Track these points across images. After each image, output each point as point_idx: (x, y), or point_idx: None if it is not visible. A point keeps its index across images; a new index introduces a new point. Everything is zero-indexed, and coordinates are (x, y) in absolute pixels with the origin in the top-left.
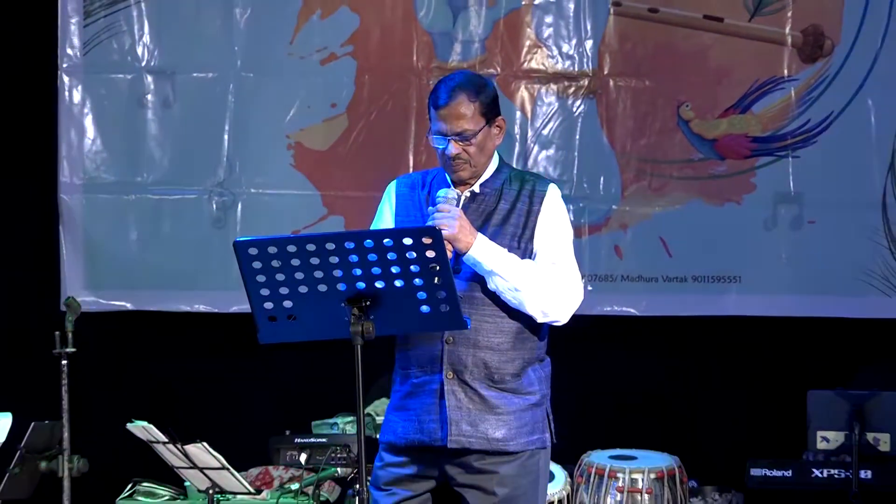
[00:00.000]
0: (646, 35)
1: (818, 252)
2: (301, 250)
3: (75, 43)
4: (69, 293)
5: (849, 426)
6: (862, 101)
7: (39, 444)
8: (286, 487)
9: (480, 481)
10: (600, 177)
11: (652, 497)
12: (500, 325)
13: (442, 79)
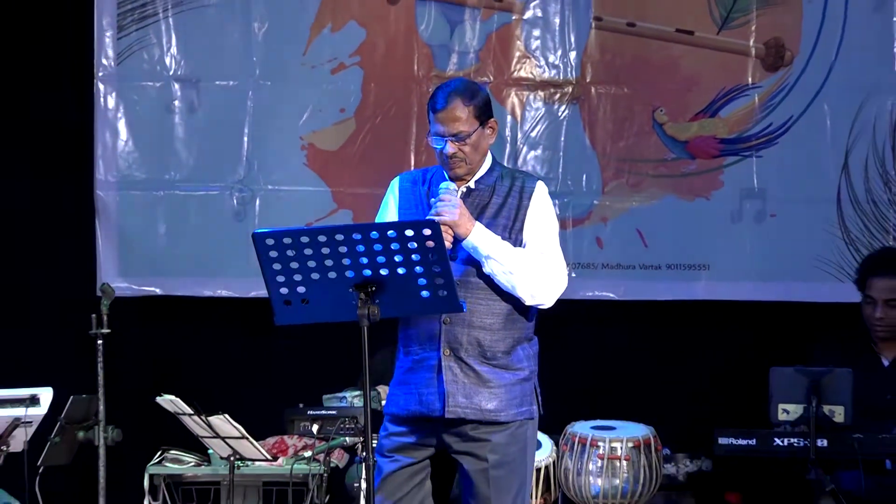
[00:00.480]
0: (624, 47)
1: (779, 243)
2: (313, 241)
3: (110, 54)
4: (104, 280)
5: (807, 400)
6: (819, 107)
7: (77, 416)
8: (300, 455)
9: (474, 448)
10: (583, 175)
11: (629, 463)
12: (492, 308)
13: (439, 86)
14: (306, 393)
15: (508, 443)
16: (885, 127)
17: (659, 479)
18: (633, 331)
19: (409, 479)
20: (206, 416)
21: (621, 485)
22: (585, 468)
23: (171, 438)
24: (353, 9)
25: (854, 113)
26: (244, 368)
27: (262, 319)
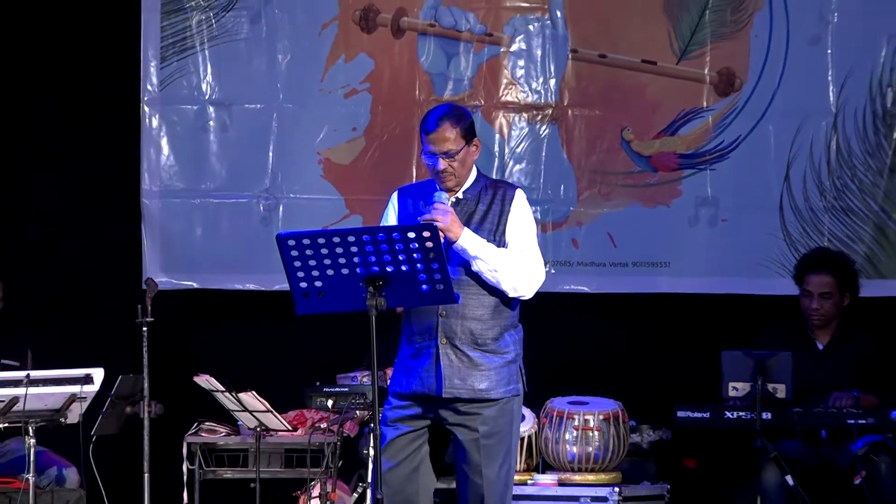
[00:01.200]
0: (596, 75)
1: (730, 244)
2: (329, 242)
3: (154, 81)
4: (148, 275)
5: (753, 379)
6: (764, 127)
7: (125, 392)
8: (316, 426)
9: (467, 421)
10: (561, 185)
11: (601, 433)
12: (481, 301)
13: (430, 111)
14: (322, 373)
15: (497, 416)
16: (821, 145)
17: (626, 446)
18: (604, 320)
19: (408, 444)
20: (235, 393)
21: (593, 452)
22: (563, 437)
23: (206, 412)
24: (363, 42)
25: (794, 133)
26: (269, 352)
27: (285, 310)
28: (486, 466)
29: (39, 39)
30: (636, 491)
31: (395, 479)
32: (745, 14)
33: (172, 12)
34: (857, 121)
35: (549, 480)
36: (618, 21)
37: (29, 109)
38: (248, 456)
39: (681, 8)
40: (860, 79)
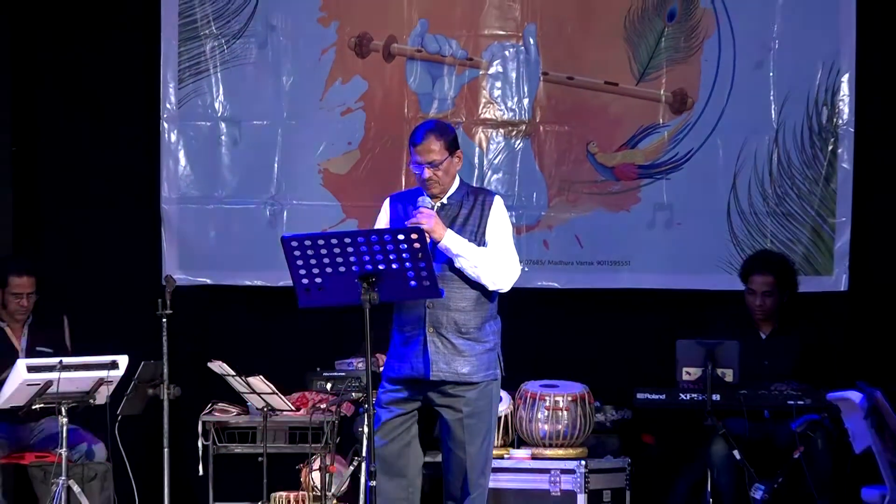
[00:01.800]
0: (565, 95)
1: (683, 244)
2: (327, 243)
3: (172, 101)
4: (167, 272)
5: (704, 364)
6: (713, 141)
7: (147, 377)
8: (317, 406)
9: (452, 402)
10: (533, 193)
11: (569, 413)
12: (464, 294)
13: (417, 126)
14: (322, 359)
15: (478, 398)
16: (764, 157)
17: (591, 424)
18: (572, 312)
19: (400, 424)
20: (245, 377)
21: (563, 429)
22: (535, 417)
23: (219, 394)
24: (358, 66)
25: (740, 146)
26: (274, 340)
27: (288, 303)
28: (469, 443)
29: (73, 64)
30: (600, 464)
31: (389, 454)
32: (697, 41)
33: (188, 39)
34: (795, 136)
35: (524, 455)
36: (583, 47)
37: (62, 126)
38: (256, 433)
39: (639, 35)
40: (798, 99)
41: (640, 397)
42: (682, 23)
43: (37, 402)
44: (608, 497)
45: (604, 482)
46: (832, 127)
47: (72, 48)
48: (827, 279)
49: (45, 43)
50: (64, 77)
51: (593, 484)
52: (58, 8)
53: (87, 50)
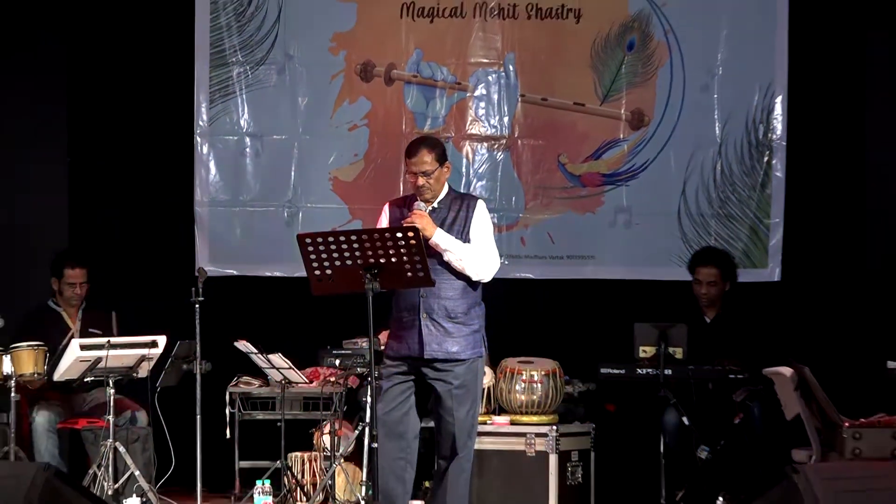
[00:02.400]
0: (539, 114)
1: (640, 241)
2: (336, 240)
3: (204, 118)
4: (200, 265)
5: (658, 344)
6: (666, 154)
7: (182, 354)
8: (327, 380)
9: (443, 376)
10: (512, 197)
11: (542, 385)
12: (452, 284)
13: (412, 140)
14: (332, 339)
15: (466, 372)
16: (709, 167)
17: (561, 395)
18: (546, 299)
19: (399, 394)
20: (266, 354)
21: (537, 399)
22: (514, 388)
23: (244, 369)
24: (363, 89)
25: (689, 158)
26: (291, 323)
27: (303, 291)
28: (457, 410)
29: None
30: (569, 429)
31: (390, 420)
32: (652, 68)
33: (218, 66)
34: (736, 149)
35: (504, 421)
36: (555, 73)
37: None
38: (275, 402)
39: (603, 63)
40: (738, 117)
41: (604, 372)
42: (639, 53)
43: (88, 375)
44: (576, 457)
45: (572, 444)
46: (767, 141)
47: (118, 73)
48: (763, 271)
49: (96, 68)
50: (112, 98)
51: (563, 446)
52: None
53: (131, 74)
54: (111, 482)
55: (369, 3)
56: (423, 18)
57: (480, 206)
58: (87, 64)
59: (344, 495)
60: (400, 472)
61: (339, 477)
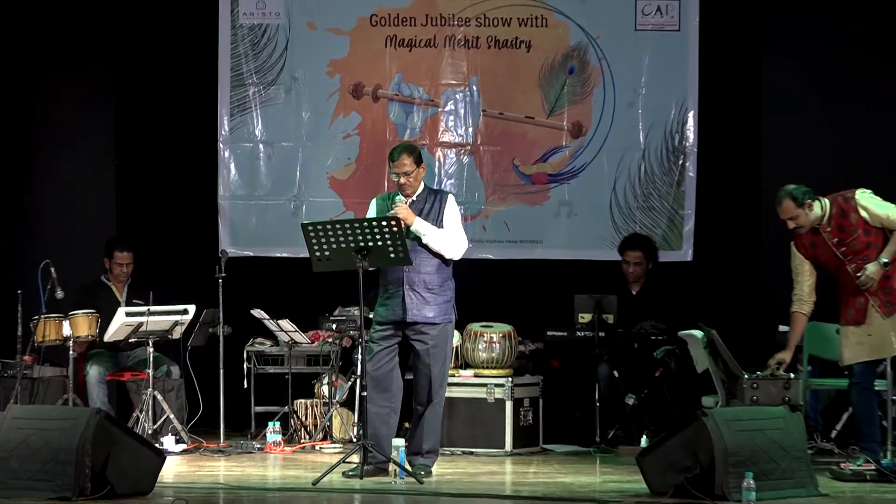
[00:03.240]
0: (497, 125)
1: (579, 229)
2: (333, 227)
3: (226, 129)
4: (222, 248)
5: (594, 311)
6: (600, 158)
7: (208, 320)
8: (326, 340)
9: (422, 337)
10: (475, 193)
11: (500, 345)
12: (430, 262)
13: (394, 147)
14: (329, 307)
15: (439, 334)
16: (634, 168)
17: (515, 353)
18: (503, 275)
19: (386, 353)
20: (276, 320)
21: (496, 356)
22: (477, 347)
23: (258, 332)
24: (354, 105)
25: (618, 161)
26: (296, 294)
27: (306, 269)
28: (433, 365)
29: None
30: (521, 380)
31: (378, 375)
32: (588, 88)
33: (237, 86)
34: (657, 154)
35: (469, 374)
36: (510, 92)
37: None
38: (283, 359)
39: (549, 84)
40: (658, 128)
41: (549, 334)
42: (578, 76)
43: (132, 337)
44: (527, 403)
45: (524, 393)
46: (681, 147)
47: (156, 91)
48: (678, 252)
49: (138, 88)
50: (151, 112)
51: (517, 394)
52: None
53: (167, 92)
54: (151, 424)
55: (359, 36)
56: (403, 48)
57: (451, 199)
58: (130, 84)
59: (339, 434)
60: (385, 418)
61: (336, 419)
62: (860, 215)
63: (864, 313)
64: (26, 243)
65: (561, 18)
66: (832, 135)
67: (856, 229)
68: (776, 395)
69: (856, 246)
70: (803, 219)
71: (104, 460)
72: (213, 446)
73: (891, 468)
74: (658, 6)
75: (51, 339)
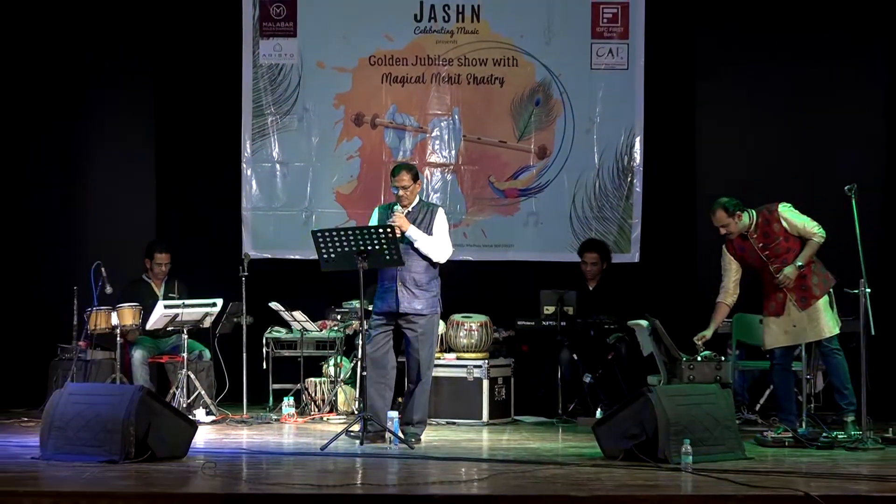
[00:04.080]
0: (475, 148)
1: (545, 235)
2: (339, 234)
3: (248, 151)
4: (245, 251)
5: (557, 304)
6: (562, 176)
7: (234, 311)
8: (332, 328)
9: (412, 326)
10: (457, 205)
11: (478, 332)
12: (420, 263)
13: (396, 164)
14: (335, 301)
15: (426, 323)
16: (590, 185)
17: (491, 339)
18: (480, 274)
19: (382, 338)
20: (290, 311)
21: (475, 342)
22: (459, 335)
23: (275, 321)
24: (356, 131)
25: (577, 178)
26: (307, 289)
27: (315, 268)
28: (421, 349)
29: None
30: (496, 362)
31: (376, 356)
32: (552, 117)
33: (257, 116)
34: (609, 172)
35: (452, 357)
36: (487, 120)
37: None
38: (296, 343)
39: (519, 114)
40: (610, 150)
41: (520, 324)
42: (543, 107)
43: (170, 325)
44: (501, 382)
45: (498, 373)
46: (630, 167)
47: (191, 119)
48: (627, 255)
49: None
50: (186, 137)
51: (492, 374)
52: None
53: (199, 120)
54: (185, 399)
55: (360, 73)
56: (397, 84)
57: (441, 211)
58: (169, 115)
59: (343, 407)
60: (382, 392)
61: (341, 395)
62: (782, 225)
63: (783, 306)
64: (80, 247)
65: (529, 59)
66: (758, 155)
67: (777, 236)
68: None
69: (777, 250)
70: (733, 226)
71: (146, 429)
72: (238, 417)
73: (805, 436)
74: (610, 49)
75: (101, 328)
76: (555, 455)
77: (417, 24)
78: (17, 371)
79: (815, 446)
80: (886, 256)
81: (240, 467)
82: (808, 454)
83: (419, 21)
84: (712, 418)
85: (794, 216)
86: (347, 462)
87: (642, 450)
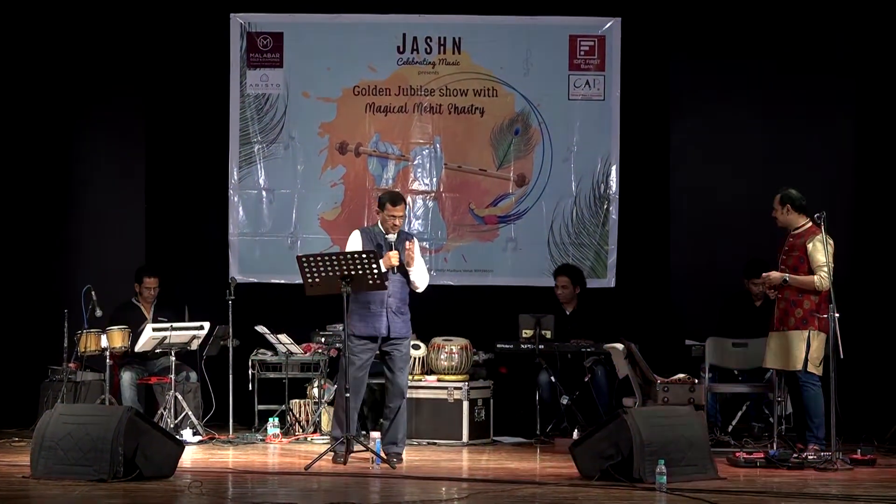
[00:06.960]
0: (456, 176)
1: (523, 260)
2: (323, 259)
3: (235, 178)
4: (232, 275)
5: (535, 328)
6: (540, 204)
7: (220, 334)
8: (316, 351)
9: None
10: (438, 231)
11: (459, 355)
12: (404, 289)
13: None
14: (319, 324)
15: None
16: (568, 212)
17: (471, 361)
18: (460, 298)
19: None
20: (276, 334)
21: (455, 364)
22: (440, 357)
23: (260, 344)
24: (340, 159)
25: (555, 205)
26: (292, 313)
27: (300, 293)
28: (405, 369)
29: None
30: (476, 384)
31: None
32: (531, 146)
33: (244, 144)
34: (586, 199)
35: (433, 379)
36: (467, 149)
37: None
38: (282, 366)
39: (498, 143)
40: (587, 178)
41: (499, 346)
42: (523, 136)
43: (157, 348)
44: (480, 403)
45: (478, 394)
46: (606, 195)
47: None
48: (604, 280)
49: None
50: (175, 166)
51: (472, 395)
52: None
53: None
54: (172, 419)
55: (345, 103)
56: (380, 113)
57: (415, 241)
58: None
59: (326, 428)
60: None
61: (325, 416)
62: (807, 246)
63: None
64: (71, 271)
65: (508, 90)
66: (730, 183)
67: (798, 251)
68: (683, 396)
69: (790, 262)
70: (779, 215)
71: (134, 449)
72: (224, 438)
73: (776, 456)
74: (587, 80)
75: (91, 350)
76: (533, 475)
77: (400, 55)
78: (9, 392)
79: (786, 467)
80: (855, 281)
81: (226, 486)
82: (780, 474)
83: (402, 52)
84: (686, 439)
85: (818, 249)
86: (331, 481)
87: (618, 470)
